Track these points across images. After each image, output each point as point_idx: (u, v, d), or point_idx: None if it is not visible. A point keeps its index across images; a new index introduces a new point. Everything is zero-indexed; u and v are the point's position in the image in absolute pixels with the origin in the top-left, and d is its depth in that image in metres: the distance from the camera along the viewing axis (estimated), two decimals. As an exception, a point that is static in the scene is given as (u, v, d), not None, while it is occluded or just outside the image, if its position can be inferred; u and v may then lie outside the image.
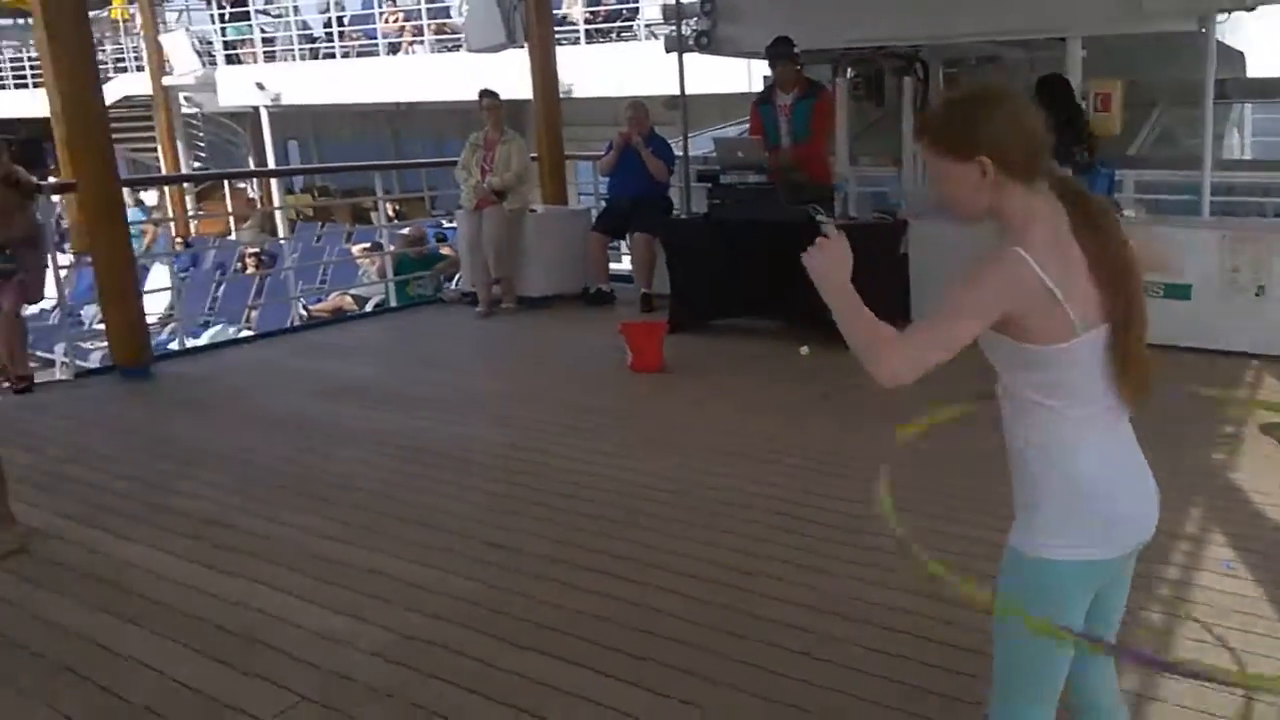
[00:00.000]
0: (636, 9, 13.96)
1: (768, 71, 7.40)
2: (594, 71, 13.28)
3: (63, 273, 7.67)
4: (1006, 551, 1.77)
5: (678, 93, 8.29)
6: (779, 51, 6.84)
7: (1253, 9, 6.87)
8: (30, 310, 6.77)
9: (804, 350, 5.94)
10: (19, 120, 23.65)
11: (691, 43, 8.27)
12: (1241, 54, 8.72)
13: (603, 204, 8.66)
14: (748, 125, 7.69)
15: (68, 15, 5.66)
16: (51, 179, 11.32)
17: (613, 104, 12.15)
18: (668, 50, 8.48)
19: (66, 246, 12.39)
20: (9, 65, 25.57)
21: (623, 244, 9.00)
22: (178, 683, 2.81)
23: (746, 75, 11.66)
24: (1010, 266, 1.62)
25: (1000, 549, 1.79)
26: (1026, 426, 1.73)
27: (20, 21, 30.54)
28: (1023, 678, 1.79)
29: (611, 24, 14.31)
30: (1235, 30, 7.81)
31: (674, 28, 8.25)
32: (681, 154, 8.13)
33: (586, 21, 14.18)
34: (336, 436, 5.00)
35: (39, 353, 8.69)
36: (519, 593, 3.28)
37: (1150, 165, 8.68)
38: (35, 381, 6.14)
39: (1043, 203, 1.68)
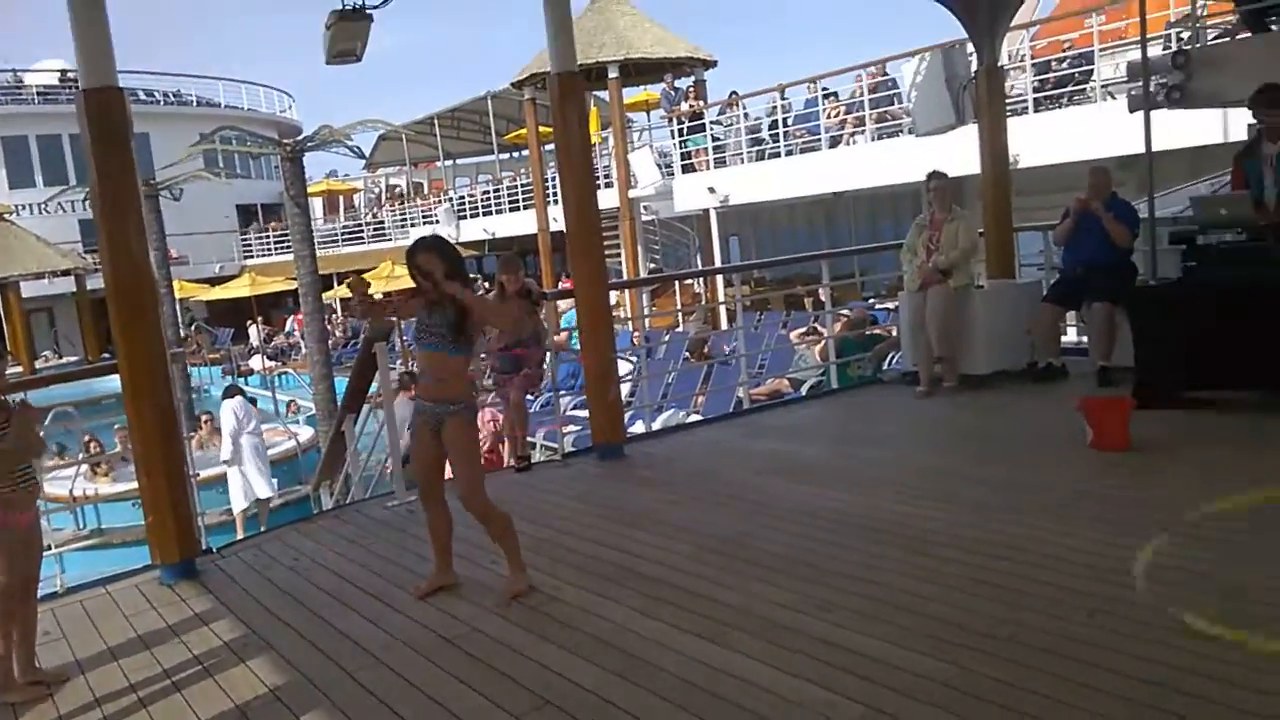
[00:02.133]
0: (1090, 71, 13.24)
1: (1250, 120, 6.66)
2: (1042, 139, 12.76)
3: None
4: None
5: (1130, 153, 7.73)
6: (1268, 100, 6.14)
7: None
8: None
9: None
10: (510, 238, 27.62)
11: (1161, 98, 7.70)
12: None
13: (1054, 274, 8.21)
14: (1228, 180, 6.95)
15: (575, 144, 6.59)
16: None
17: (1061, 171, 11.56)
18: (1132, 110, 7.95)
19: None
20: (505, 191, 30.05)
21: (1070, 315, 8.45)
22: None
23: (1221, 127, 10.58)
24: None
25: None
26: None
27: (516, 155, 35.96)
28: None
29: (1061, 90, 13.68)
30: None
31: (1138, 85, 7.73)
32: (1147, 215, 7.51)
33: (1035, 90, 13.69)
34: (786, 512, 5.14)
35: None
36: (983, 674, 3.16)
37: None
38: (532, 461, 7.03)
39: None
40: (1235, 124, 8.87)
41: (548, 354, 7.28)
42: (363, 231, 37.91)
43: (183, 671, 3.98)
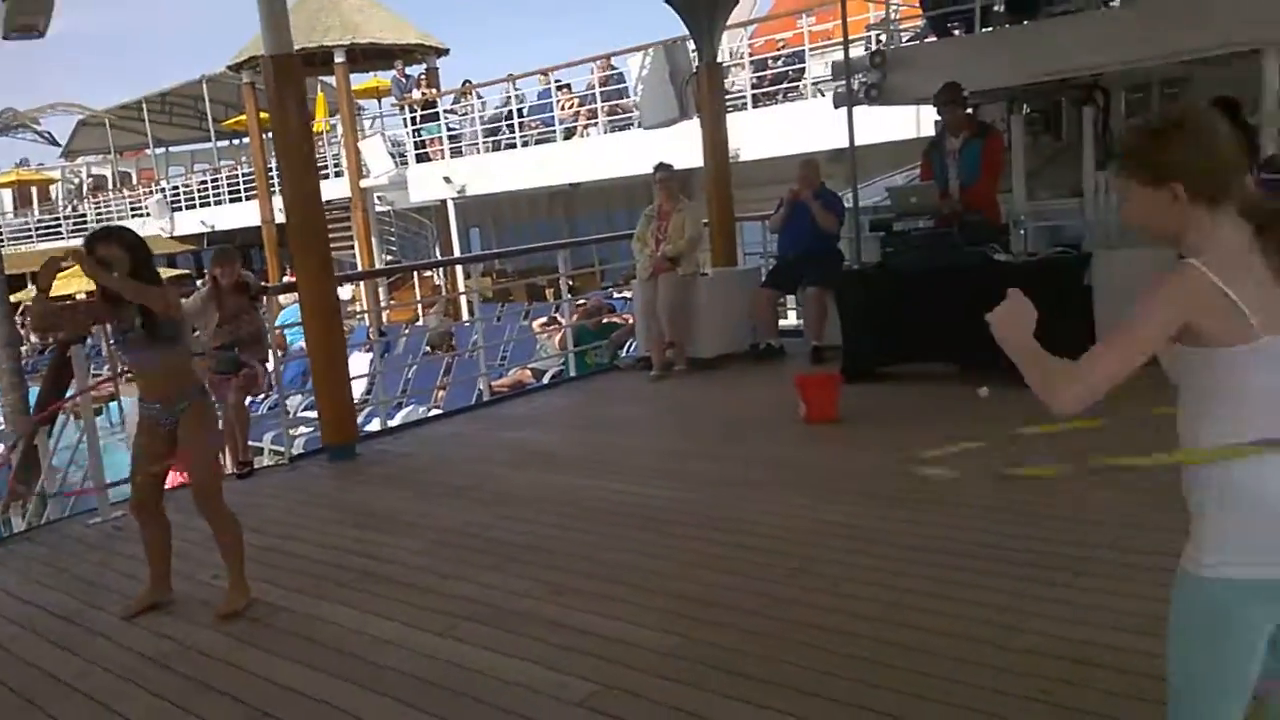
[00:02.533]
0: (803, 69, 14.10)
1: (937, 116, 7.33)
2: (760, 134, 13.47)
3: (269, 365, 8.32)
4: (1177, 573, 1.71)
5: (838, 146, 8.31)
6: (948, 98, 6.77)
7: None
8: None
9: (982, 392, 5.74)
10: (232, 231, 25.98)
11: (861, 95, 8.30)
12: None
13: (771, 262, 8.70)
14: (917, 173, 7.61)
15: (294, 129, 6.22)
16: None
17: (778, 164, 12.27)
18: (836, 106, 8.54)
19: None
20: (225, 181, 28.18)
21: (790, 299, 9.01)
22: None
23: (915, 123, 11.56)
24: (1185, 277, 1.62)
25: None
26: (1199, 436, 1.68)
27: (236, 142, 33.79)
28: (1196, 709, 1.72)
29: (778, 86, 14.49)
30: None
31: (842, 83, 8.30)
32: (851, 205, 8.11)
33: (754, 86, 14.42)
34: (526, 502, 5.16)
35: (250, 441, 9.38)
36: (713, 643, 3.29)
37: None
38: (255, 467, 6.64)
39: (1227, 222, 1.66)
40: (928, 119, 9.72)
41: (269, 352, 6.90)
42: (61, 226, 34.37)
43: None
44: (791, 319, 9.54)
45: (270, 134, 15.30)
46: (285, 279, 17.82)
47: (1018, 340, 1.72)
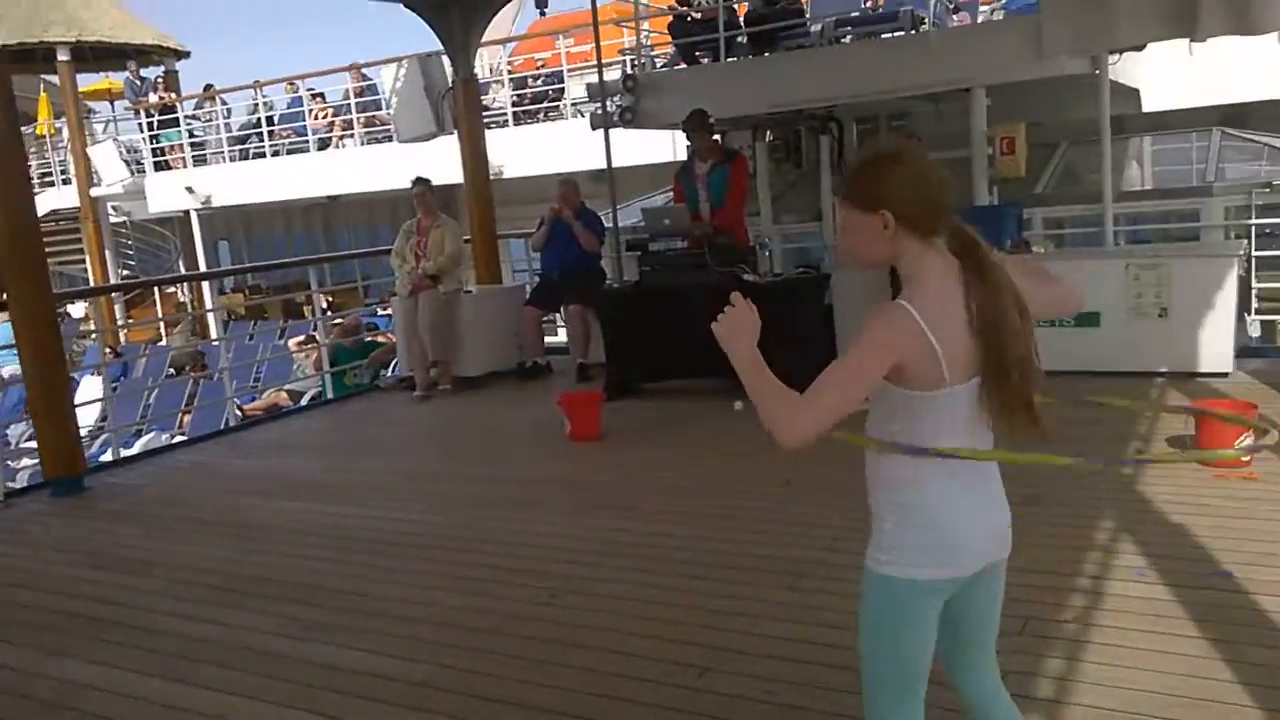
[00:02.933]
0: (562, 89, 14.29)
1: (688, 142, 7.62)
2: (523, 151, 13.53)
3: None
4: (864, 569, 1.91)
5: (603, 167, 8.49)
6: (694, 124, 7.05)
7: (1142, 49, 7.27)
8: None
9: (737, 405, 6.05)
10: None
11: (616, 118, 8.50)
12: (1136, 90, 9.16)
13: (537, 279, 8.76)
14: (672, 194, 7.88)
15: (1, 133, 5.65)
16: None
17: (543, 182, 12.37)
18: (594, 127, 8.71)
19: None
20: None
21: (558, 317, 9.11)
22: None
23: (672, 146, 11.97)
24: (896, 318, 1.76)
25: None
26: (879, 460, 1.87)
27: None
28: (885, 683, 1.92)
29: (539, 105, 14.61)
30: (1128, 69, 8.22)
31: (598, 105, 8.48)
32: (611, 225, 8.29)
33: (514, 104, 14.46)
34: (274, 533, 4.94)
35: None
36: (468, 670, 3.26)
37: (1056, 201, 9.04)
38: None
39: (936, 255, 1.81)
40: (685, 143, 10.09)
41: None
42: None
43: None
44: (561, 336, 9.64)
45: (-17, 136, 13.86)
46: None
47: (742, 350, 1.81)
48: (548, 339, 8.76)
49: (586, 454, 5.85)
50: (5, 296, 6.05)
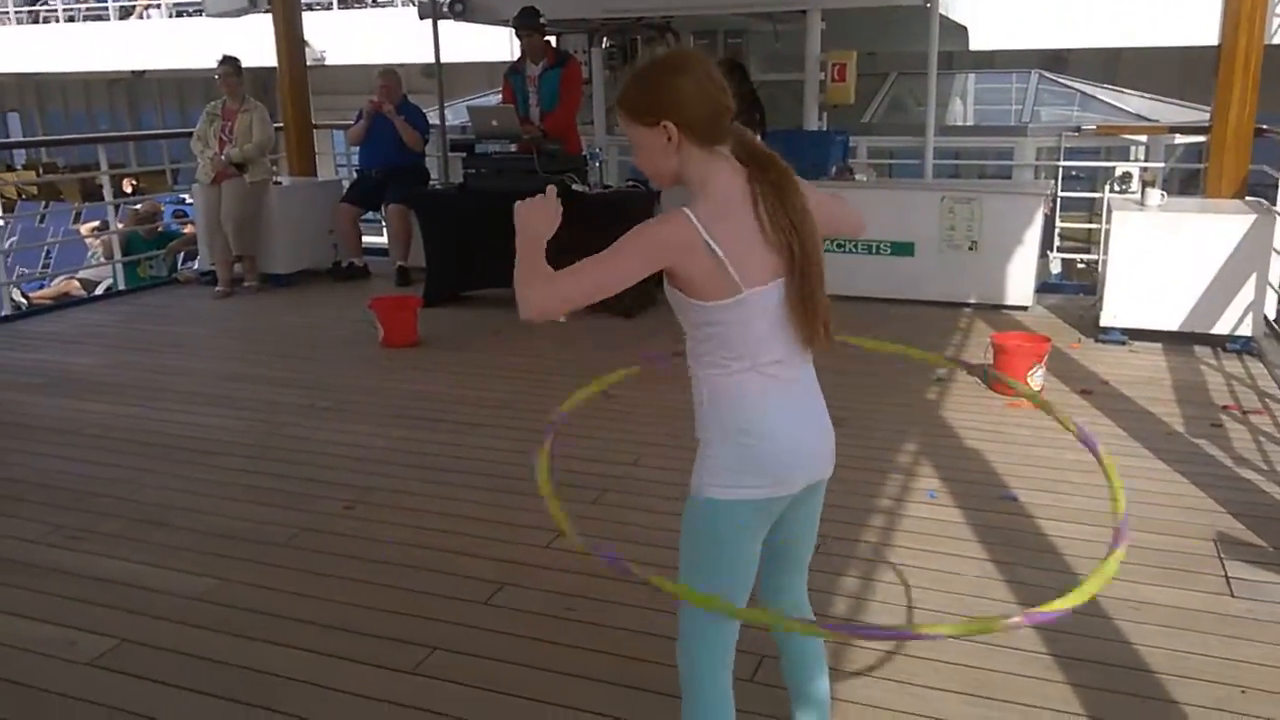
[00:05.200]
0: (390, -27, 13.52)
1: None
2: (349, 38, 12.77)
3: None
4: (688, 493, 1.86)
5: (431, 60, 8.08)
6: (525, 23, 6.75)
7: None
8: None
9: (561, 319, 5.96)
10: None
11: (445, 9, 8.07)
12: (965, 28, 9.40)
13: (355, 175, 8.32)
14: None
15: None
16: None
17: (368, 71, 11.73)
18: (421, 17, 8.26)
19: None
20: None
21: (381, 216, 8.71)
22: None
23: (510, 44, 11.55)
24: (674, 225, 1.69)
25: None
26: (699, 378, 1.82)
27: None
28: (697, 640, 1.90)
29: (365, -11, 13.79)
30: (959, 6, 8.40)
31: (428, -6, 8.02)
32: (438, 123, 7.92)
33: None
34: (51, 433, 4.55)
35: None
36: (253, 584, 3.09)
37: (882, 132, 9.25)
38: None
39: (724, 165, 1.74)
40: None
41: None
42: None
43: None
44: (383, 237, 9.23)
45: None
46: None
47: (535, 233, 1.75)
48: (367, 239, 8.36)
49: (398, 361, 5.63)
50: None
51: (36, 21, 15.90)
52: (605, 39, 8.81)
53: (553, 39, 7.78)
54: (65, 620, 2.90)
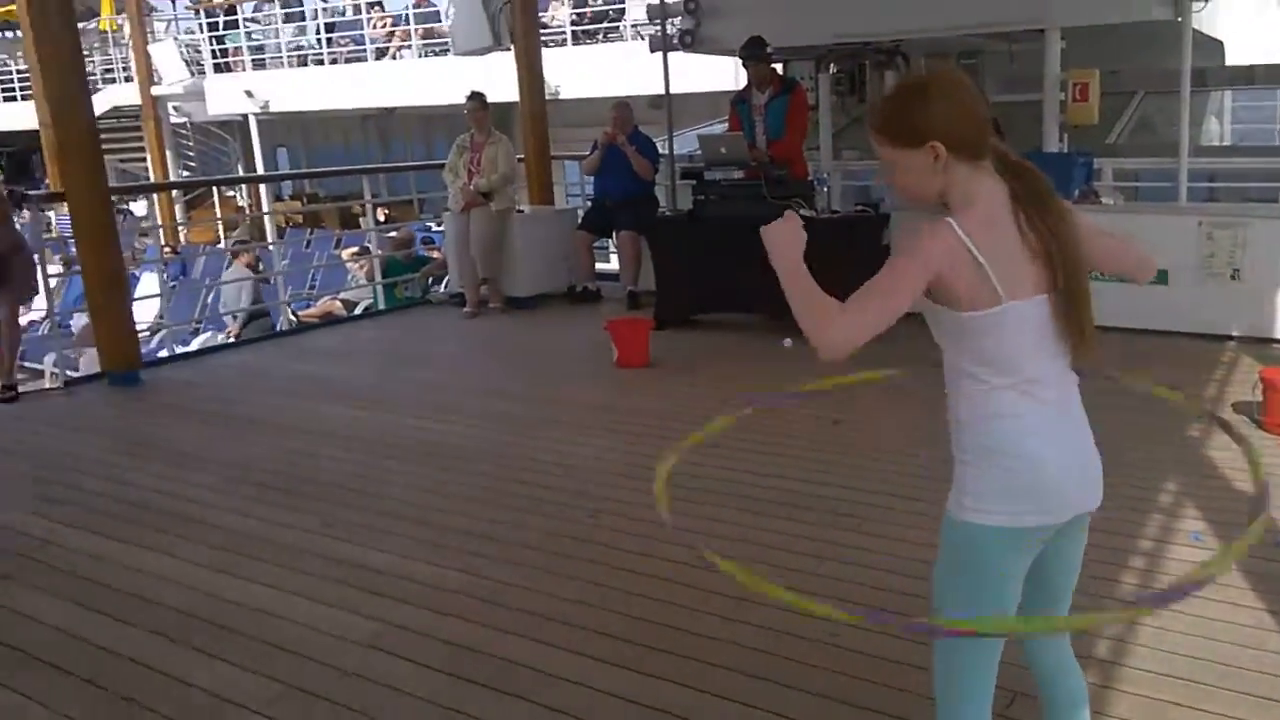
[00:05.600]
0: (623, 10, 14.03)
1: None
2: (581, 72, 13.36)
3: (52, 283, 7.72)
4: (944, 516, 1.81)
5: (661, 92, 8.35)
6: (752, 53, 6.89)
7: (1229, -4, 6.95)
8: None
9: (787, 342, 6.01)
10: (9, 133, 23.68)
11: (676, 41, 8.32)
12: (1220, 42, 8.79)
13: (589, 203, 8.71)
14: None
15: (55, 24, 5.67)
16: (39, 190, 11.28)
17: (599, 104, 12.23)
18: (652, 50, 8.54)
19: (58, 258, 12.42)
20: (-2, 78, 25.51)
21: (610, 242, 9.07)
22: (164, 674, 2.84)
23: (734, 73, 11.74)
24: (940, 234, 1.68)
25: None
26: (958, 394, 1.78)
27: (9, 35, 30.60)
28: (958, 672, 1.83)
29: (598, 25, 14.38)
30: (1213, 19, 7.87)
31: (658, 27, 8.31)
32: (667, 152, 8.18)
33: (573, 23, 14.25)
34: (321, 437, 5.03)
35: (27, 363, 8.70)
36: (506, 582, 3.32)
37: (1129, 153, 8.75)
38: (20, 391, 6.14)
39: (986, 178, 1.74)
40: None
41: (34, 267, 6.33)
42: None
43: None
44: (613, 262, 9.61)
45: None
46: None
47: (791, 257, 1.75)
48: (598, 265, 8.73)
49: (632, 381, 5.85)
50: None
51: (304, 65, 17.51)
52: (833, 65, 8.83)
53: (778, 66, 7.86)
54: (341, 604, 3.22)
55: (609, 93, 12.22)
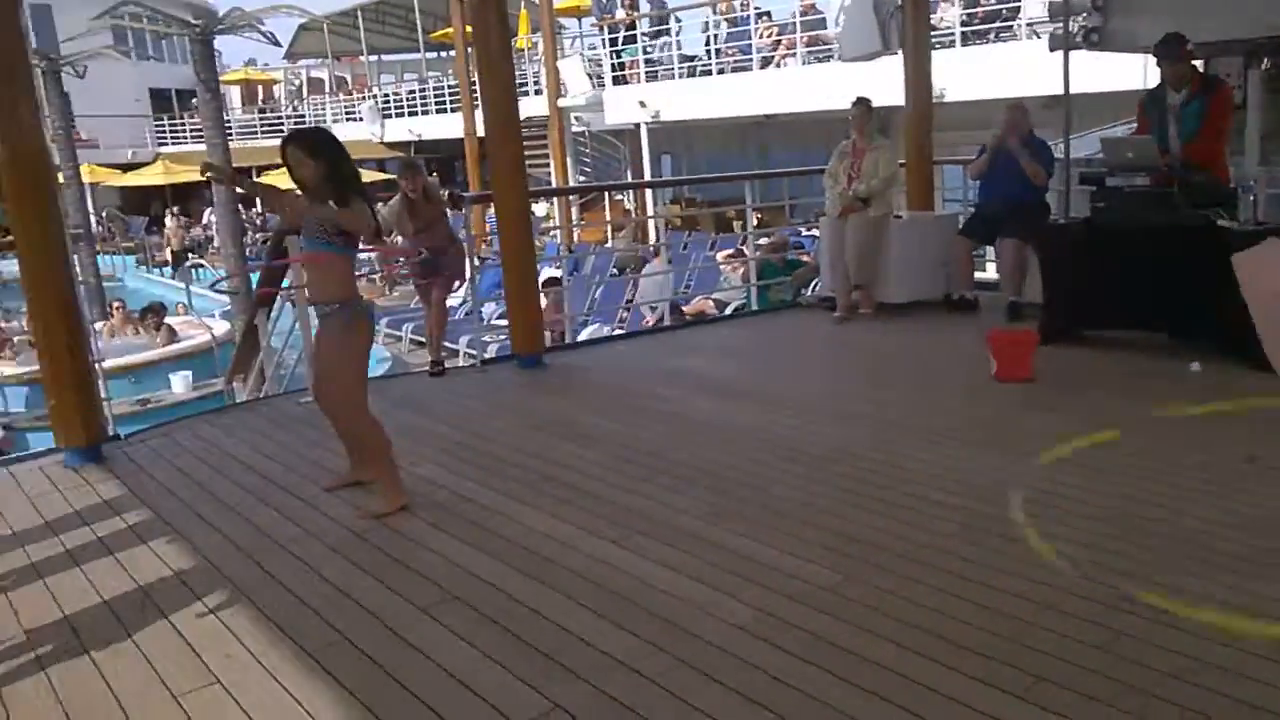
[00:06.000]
0: (1018, 8, 13.36)
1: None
2: (969, 74, 12.90)
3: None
4: None
5: (1057, 93, 7.88)
6: (1168, 51, 6.30)
7: None
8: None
9: (1195, 367, 5.47)
10: (437, 141, 27.03)
11: (1079, 39, 7.82)
12: None
13: (971, 210, 8.42)
14: (1135, 125, 7.15)
15: (495, 47, 6.45)
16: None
17: (986, 106, 11.74)
18: (1052, 49, 8.08)
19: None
20: (432, 92, 29.23)
21: (989, 250, 8.71)
22: (569, 633, 3.14)
23: (1142, 72, 10.80)
24: None
25: None
26: None
27: (443, 54, 34.88)
28: None
29: (990, 25, 13.80)
30: None
31: (1059, 25, 7.85)
32: (1062, 155, 7.71)
33: (963, 24, 13.78)
34: (701, 428, 5.29)
35: (445, 344, 9.92)
36: (876, 586, 3.33)
37: None
38: (446, 367, 7.03)
39: None
40: (1155, 69, 9.09)
41: (465, 259, 7.23)
42: (282, 124, 36.59)
43: (86, 552, 3.98)
44: (991, 271, 9.24)
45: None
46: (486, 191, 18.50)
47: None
48: (977, 274, 8.42)
49: (1011, 395, 5.60)
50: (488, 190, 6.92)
51: (693, 75, 18.37)
52: (1265, 59, 7.87)
53: (1198, 63, 7.14)
54: (720, 586, 3.39)
55: (998, 94, 11.68)
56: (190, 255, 25.14)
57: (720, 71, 17.78)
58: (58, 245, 4.97)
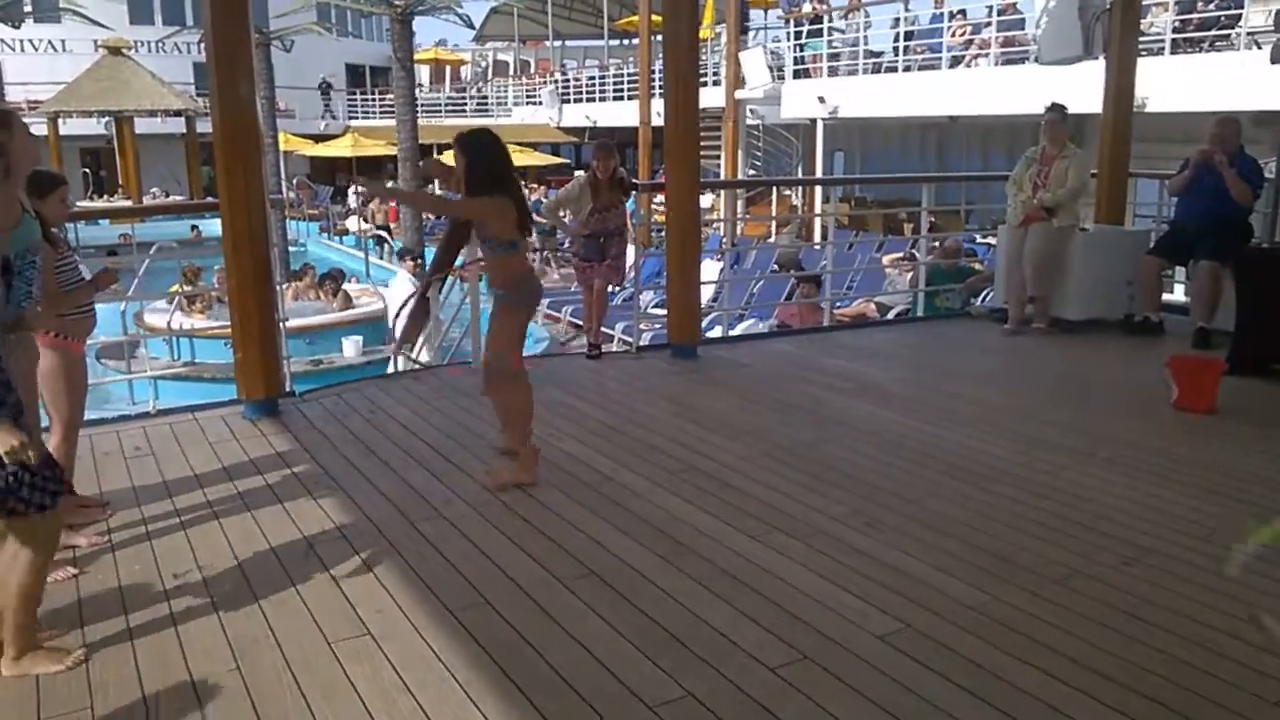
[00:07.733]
0: (1238, 16, 12.46)
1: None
2: (1175, 83, 12.13)
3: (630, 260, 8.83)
4: None
5: (1274, 108, 7.33)
6: None
7: None
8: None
9: None
10: (614, 129, 27.41)
11: (1307, 51, 7.25)
12: None
13: (1165, 227, 7.92)
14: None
15: (684, 36, 6.49)
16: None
17: (1191, 119, 11.03)
18: (1274, 61, 7.52)
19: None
20: (611, 79, 29.65)
21: (1179, 271, 8.17)
22: (702, 620, 3.15)
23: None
24: None
25: None
26: None
27: (626, 42, 35.34)
28: None
29: (1204, 33, 12.91)
30: None
31: (1283, 34, 7.30)
32: (1273, 175, 7.16)
33: (1175, 30, 12.95)
34: (850, 429, 5.19)
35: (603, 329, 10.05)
36: (1023, 610, 3.20)
37: None
38: (603, 350, 7.13)
39: None
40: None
41: (630, 247, 7.30)
42: (466, 104, 37.91)
43: (257, 498, 4.25)
44: (1179, 293, 8.68)
45: (659, 37, 15.94)
46: (655, 179, 18.64)
47: None
48: (1165, 295, 7.91)
49: (1190, 426, 5.25)
50: (660, 179, 6.96)
51: (878, 71, 17.96)
52: None
53: None
54: (861, 593, 3.33)
55: (1206, 106, 10.95)
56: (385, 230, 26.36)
57: (906, 69, 17.31)
58: (259, 211, 5.29)
